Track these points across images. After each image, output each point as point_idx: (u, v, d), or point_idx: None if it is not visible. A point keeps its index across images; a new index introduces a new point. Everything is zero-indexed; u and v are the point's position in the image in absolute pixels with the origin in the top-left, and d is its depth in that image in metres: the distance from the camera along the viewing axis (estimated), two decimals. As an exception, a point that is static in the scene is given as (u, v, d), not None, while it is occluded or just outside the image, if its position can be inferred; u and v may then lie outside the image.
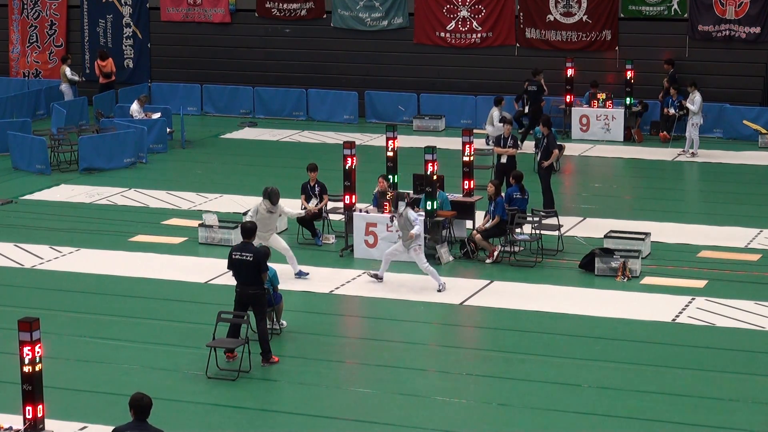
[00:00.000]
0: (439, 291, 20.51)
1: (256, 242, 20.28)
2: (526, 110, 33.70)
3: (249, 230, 17.60)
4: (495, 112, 31.21)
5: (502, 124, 30.94)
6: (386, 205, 22.25)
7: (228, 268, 17.70)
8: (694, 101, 30.30)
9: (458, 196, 23.72)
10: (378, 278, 20.95)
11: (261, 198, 20.72)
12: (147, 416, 12.02)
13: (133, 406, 12.01)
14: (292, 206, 22.35)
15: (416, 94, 35.43)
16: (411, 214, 20.61)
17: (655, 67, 33.42)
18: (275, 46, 37.23)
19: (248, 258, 17.26)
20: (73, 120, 32.76)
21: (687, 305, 19.68)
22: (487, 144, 30.96)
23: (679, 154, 30.71)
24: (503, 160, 25.57)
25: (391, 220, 21.27)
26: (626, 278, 20.92)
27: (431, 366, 17.41)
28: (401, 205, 20.58)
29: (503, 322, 19.24)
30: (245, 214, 23.87)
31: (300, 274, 21.08)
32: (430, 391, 16.42)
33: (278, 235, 21.34)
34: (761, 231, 23.92)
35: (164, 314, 19.82)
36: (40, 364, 14.61)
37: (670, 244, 22.98)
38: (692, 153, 30.61)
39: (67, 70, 36.18)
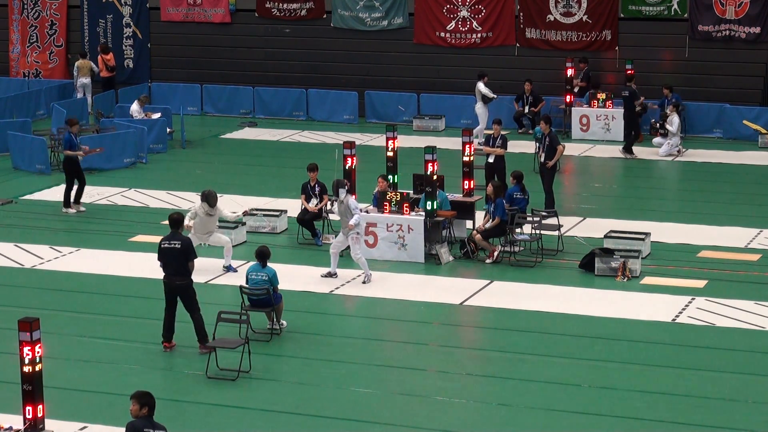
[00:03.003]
0: (364, 283, 20.74)
1: (196, 242, 20.58)
2: (526, 110, 33.79)
3: (175, 221, 17.85)
4: (480, 86, 31.43)
5: (488, 98, 31.24)
6: (386, 205, 22.28)
7: (158, 259, 17.81)
8: (673, 123, 30.40)
9: (458, 196, 23.72)
10: (331, 275, 21.06)
11: (200, 201, 21.29)
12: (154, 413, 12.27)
13: (147, 404, 12.16)
14: (232, 208, 22.96)
15: (416, 94, 35.44)
16: (351, 202, 20.82)
17: (655, 67, 33.43)
18: (275, 46, 37.23)
19: (176, 245, 17.50)
20: (73, 120, 32.75)
21: (687, 305, 19.68)
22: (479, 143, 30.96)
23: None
24: (491, 159, 25.54)
25: (331, 204, 21.65)
26: (626, 278, 20.93)
27: (431, 366, 17.42)
28: (342, 192, 20.81)
29: (503, 322, 19.25)
30: (245, 214, 23.97)
31: (229, 268, 21.50)
32: (430, 391, 16.43)
33: (219, 233, 21.79)
34: (761, 231, 23.92)
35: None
36: (40, 364, 14.62)
37: (670, 244, 22.98)
38: (679, 150, 30.66)
39: (92, 65, 36.74)
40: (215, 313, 17.46)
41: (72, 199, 25.59)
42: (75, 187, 25.63)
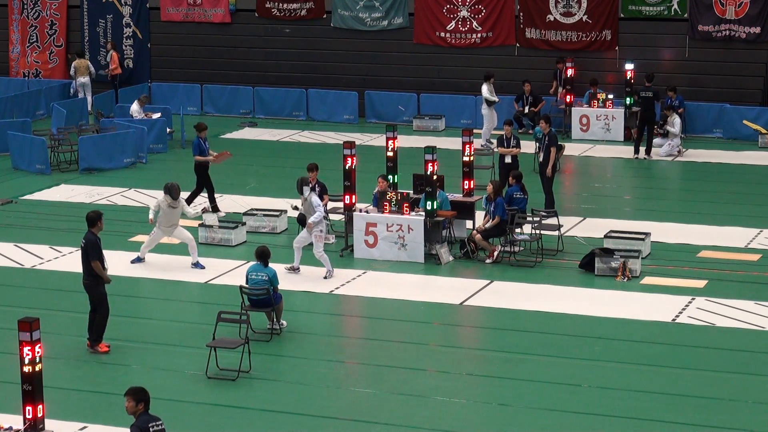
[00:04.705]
0: (325, 278, 20.92)
1: (162, 237, 21.41)
2: (526, 110, 33.80)
3: (89, 219, 17.92)
4: (483, 88, 31.60)
5: (490, 102, 31.39)
6: (386, 205, 22.28)
7: None
8: (674, 124, 30.44)
9: (458, 196, 23.72)
10: (295, 270, 21.15)
11: (163, 193, 21.69)
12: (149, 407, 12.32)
13: (143, 399, 12.25)
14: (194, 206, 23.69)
15: (416, 94, 35.45)
16: (314, 199, 21.06)
17: (656, 67, 33.42)
18: (275, 46, 37.24)
19: (82, 244, 17.70)
20: (73, 120, 32.77)
21: (687, 305, 19.68)
22: (488, 144, 30.98)
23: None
24: (508, 160, 25.59)
25: (294, 208, 22.16)
26: (626, 278, 20.92)
27: (431, 366, 17.41)
28: (306, 190, 21.06)
29: (503, 322, 19.25)
30: (245, 214, 23.98)
31: (196, 265, 21.65)
32: (430, 391, 16.43)
33: (183, 228, 21.96)
34: (761, 231, 23.92)
35: (164, 314, 19.84)
36: (40, 364, 14.62)
37: (670, 244, 22.98)
38: (679, 150, 30.71)
39: (89, 64, 36.90)
40: (215, 313, 17.46)
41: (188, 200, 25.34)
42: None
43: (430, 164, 22.24)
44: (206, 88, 37.16)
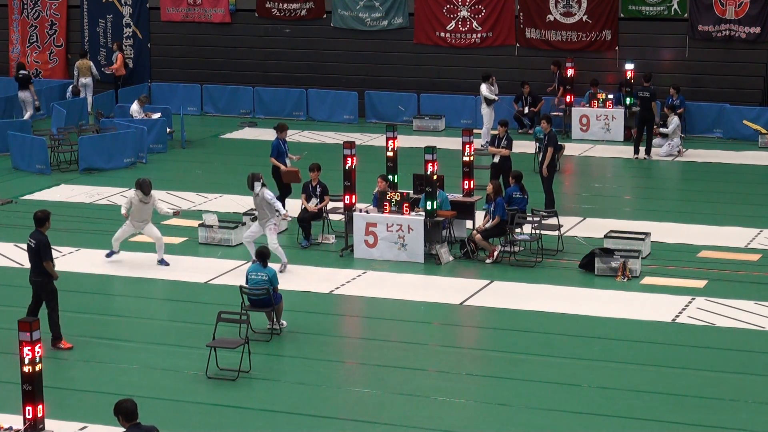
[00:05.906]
0: (281, 272, 20.73)
1: (132, 231, 21.73)
2: (526, 110, 33.80)
3: (37, 219, 17.98)
4: (482, 88, 31.75)
5: (490, 100, 31.34)
6: (386, 205, 22.28)
7: None
8: (670, 123, 30.47)
9: (458, 196, 23.72)
10: None
11: (134, 189, 21.76)
12: (137, 417, 12.10)
13: (120, 413, 12.07)
14: (167, 201, 24.15)
15: (416, 94, 35.45)
16: (267, 194, 21.21)
17: (656, 67, 33.43)
18: (275, 46, 37.24)
19: (32, 244, 17.75)
20: (73, 120, 32.77)
21: (687, 305, 19.68)
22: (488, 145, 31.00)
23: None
24: (495, 159, 25.58)
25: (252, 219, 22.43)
26: (626, 278, 20.92)
27: (431, 366, 17.41)
28: (257, 186, 21.18)
29: (503, 322, 19.24)
30: (245, 214, 24.02)
31: (161, 262, 21.80)
32: (430, 391, 16.42)
33: (153, 225, 22.06)
34: (761, 231, 23.92)
35: (164, 314, 19.84)
36: (40, 364, 14.62)
37: (670, 244, 22.98)
38: (679, 150, 30.73)
39: (91, 65, 36.83)
40: (215, 313, 17.47)
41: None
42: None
43: (430, 164, 22.24)
44: (206, 88, 37.17)
